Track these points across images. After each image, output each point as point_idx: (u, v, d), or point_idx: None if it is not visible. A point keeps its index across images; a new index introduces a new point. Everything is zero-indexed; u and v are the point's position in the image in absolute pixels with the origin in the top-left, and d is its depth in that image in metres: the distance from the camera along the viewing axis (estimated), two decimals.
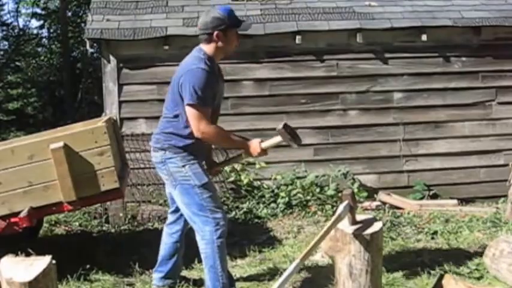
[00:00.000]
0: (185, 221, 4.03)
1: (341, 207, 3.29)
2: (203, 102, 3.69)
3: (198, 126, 3.70)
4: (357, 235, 3.21)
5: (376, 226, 3.30)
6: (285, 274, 3.16)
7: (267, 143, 3.84)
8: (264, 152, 3.85)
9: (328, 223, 3.32)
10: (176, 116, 3.81)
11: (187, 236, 4.18)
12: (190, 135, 3.78)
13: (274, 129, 6.40)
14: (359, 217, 3.38)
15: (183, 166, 3.79)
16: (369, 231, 3.24)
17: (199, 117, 3.69)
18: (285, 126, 3.76)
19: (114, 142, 4.60)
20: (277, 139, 3.80)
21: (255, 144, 3.83)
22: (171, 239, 4.17)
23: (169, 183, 3.89)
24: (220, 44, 3.81)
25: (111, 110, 6.46)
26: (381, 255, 3.34)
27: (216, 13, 3.81)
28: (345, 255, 3.24)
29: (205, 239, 3.80)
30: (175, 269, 4.20)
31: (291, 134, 3.77)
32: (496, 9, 7.01)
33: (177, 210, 4.10)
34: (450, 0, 7.20)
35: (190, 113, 3.70)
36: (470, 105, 6.92)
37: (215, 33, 3.78)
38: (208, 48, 3.83)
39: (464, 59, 6.90)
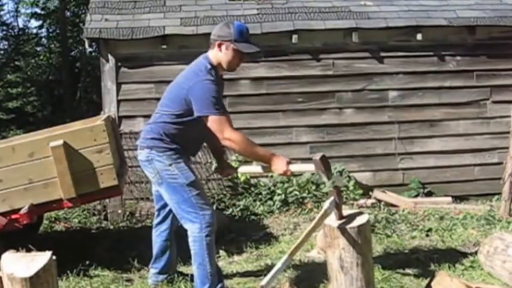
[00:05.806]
0: (173, 219, 4.07)
1: (327, 203, 3.32)
2: (222, 110, 3.68)
3: (222, 134, 3.65)
4: (344, 228, 3.24)
5: (363, 219, 3.33)
6: (274, 269, 3.15)
7: (296, 167, 3.64)
8: (290, 173, 3.65)
9: (315, 220, 3.34)
10: (170, 116, 3.80)
11: (182, 232, 4.15)
12: (177, 137, 3.79)
13: (271, 127, 6.62)
14: (345, 212, 3.41)
15: (170, 165, 3.79)
16: (356, 223, 3.27)
17: (222, 124, 3.65)
18: (322, 158, 3.45)
19: (113, 140, 4.65)
20: (310, 167, 3.52)
21: (281, 163, 3.63)
22: (160, 237, 4.20)
23: (155, 181, 3.89)
24: (220, 54, 3.81)
25: (110, 108, 6.51)
26: (370, 247, 3.36)
27: (229, 24, 3.84)
28: (335, 249, 3.26)
29: (194, 236, 3.82)
30: (169, 266, 4.25)
31: (326, 167, 3.46)
32: (490, 8, 7.05)
33: (162, 207, 4.13)
34: (445, 0, 7.24)
35: (213, 123, 3.66)
36: (465, 103, 6.97)
37: (217, 41, 3.80)
38: (211, 55, 3.84)
39: (459, 58, 6.95)
